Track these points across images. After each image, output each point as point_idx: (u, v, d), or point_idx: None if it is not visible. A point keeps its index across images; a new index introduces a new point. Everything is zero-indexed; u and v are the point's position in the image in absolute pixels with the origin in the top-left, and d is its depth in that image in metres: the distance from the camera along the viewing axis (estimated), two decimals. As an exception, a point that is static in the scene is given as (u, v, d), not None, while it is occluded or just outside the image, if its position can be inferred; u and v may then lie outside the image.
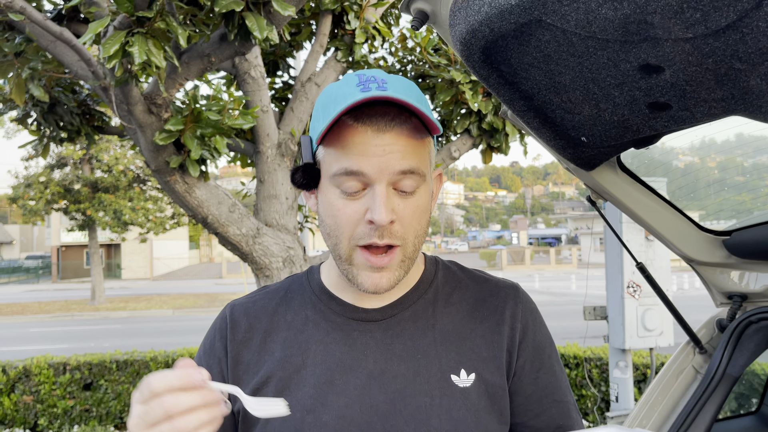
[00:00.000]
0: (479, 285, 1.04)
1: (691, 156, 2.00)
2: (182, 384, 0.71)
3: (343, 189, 0.89)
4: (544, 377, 0.99)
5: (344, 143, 0.88)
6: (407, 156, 0.88)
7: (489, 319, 0.99)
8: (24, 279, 38.40)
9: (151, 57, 2.44)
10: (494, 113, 4.28)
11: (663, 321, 3.45)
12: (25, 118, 3.80)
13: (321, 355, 0.96)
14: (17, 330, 15.95)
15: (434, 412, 0.91)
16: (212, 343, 1.01)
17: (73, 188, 18.81)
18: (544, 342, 1.02)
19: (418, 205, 0.91)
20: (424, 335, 0.97)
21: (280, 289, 1.06)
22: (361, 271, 0.91)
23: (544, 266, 41.25)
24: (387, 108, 0.88)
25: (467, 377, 0.94)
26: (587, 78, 0.97)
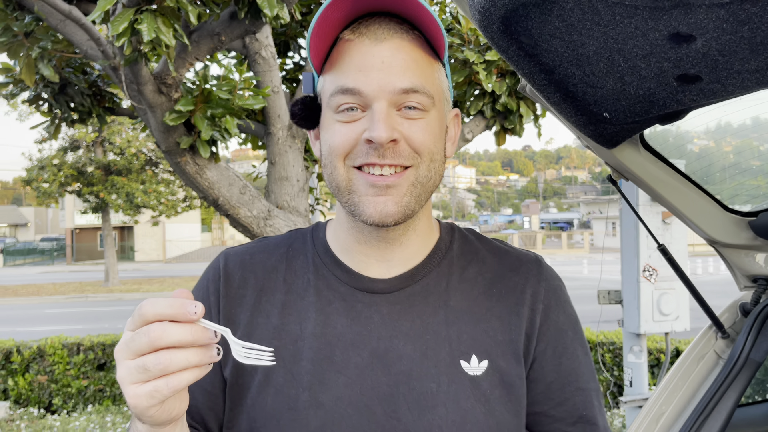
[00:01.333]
0: (498, 258, 0.95)
1: (706, 140, 1.94)
2: (174, 313, 0.64)
3: (340, 112, 0.81)
4: (567, 363, 0.91)
5: (340, 60, 0.81)
6: (409, 71, 0.80)
7: (507, 298, 0.90)
8: (39, 261, 38.88)
9: (160, 35, 2.40)
10: (508, 94, 4.21)
11: (679, 305, 3.40)
12: (37, 99, 3.78)
13: (321, 326, 0.86)
14: (33, 311, 16.17)
15: (440, 400, 0.83)
16: (204, 294, 0.91)
17: (86, 171, 18.92)
18: (568, 324, 0.93)
19: (427, 126, 0.82)
20: (435, 313, 0.88)
21: (281, 244, 0.96)
22: (364, 197, 0.81)
23: (555, 251, 41.11)
24: (388, 19, 0.81)
25: (479, 364, 0.86)
26: (612, 49, 0.92)
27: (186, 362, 0.64)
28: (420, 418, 0.82)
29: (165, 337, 0.63)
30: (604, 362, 5.53)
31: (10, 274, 29.81)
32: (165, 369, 0.63)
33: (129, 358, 0.65)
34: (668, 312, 3.36)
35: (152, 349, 0.63)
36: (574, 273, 24.26)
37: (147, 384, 0.64)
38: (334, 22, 0.80)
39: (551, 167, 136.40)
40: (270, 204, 3.59)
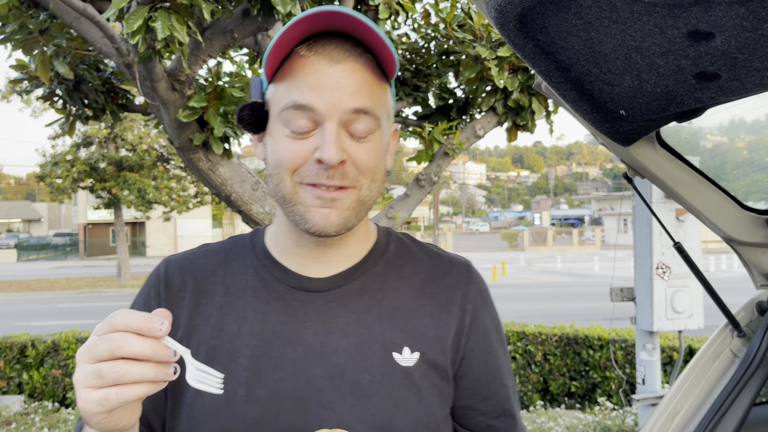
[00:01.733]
0: (432, 261, 1.00)
1: (719, 136, 1.93)
2: (140, 327, 0.65)
3: (291, 128, 0.83)
4: (492, 361, 0.97)
5: (294, 75, 0.83)
6: (361, 93, 0.83)
7: (439, 298, 0.95)
8: (52, 256, 39.24)
9: (174, 32, 2.41)
10: (520, 90, 4.19)
11: (693, 303, 3.38)
12: (51, 96, 3.81)
13: (258, 324, 0.90)
14: (46, 305, 16.33)
15: (374, 390, 0.87)
16: (146, 300, 0.95)
17: (98, 167, 19.06)
18: (493, 325, 0.99)
19: (372, 148, 0.86)
20: (370, 310, 0.92)
21: (222, 249, 0.99)
22: (309, 208, 0.85)
23: (566, 247, 40.93)
24: (343, 40, 0.83)
25: (411, 355, 0.90)
26: (630, 47, 0.92)
27: (140, 375, 0.65)
28: (354, 407, 0.86)
29: (125, 347, 0.64)
30: (616, 360, 5.51)
31: (23, 269, 30.12)
32: (118, 378, 0.64)
33: (88, 362, 0.66)
34: (682, 310, 3.34)
35: (111, 357, 0.65)
36: (584, 270, 24.16)
37: (98, 390, 0.65)
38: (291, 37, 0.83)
39: (562, 163, 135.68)
40: (282, 200, 3.60)
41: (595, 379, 5.64)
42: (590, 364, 5.68)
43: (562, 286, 18.67)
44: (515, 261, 29.21)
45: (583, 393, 5.75)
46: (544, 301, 14.80)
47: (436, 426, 0.91)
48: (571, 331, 5.90)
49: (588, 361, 5.70)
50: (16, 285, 21.27)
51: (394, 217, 3.97)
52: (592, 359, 5.66)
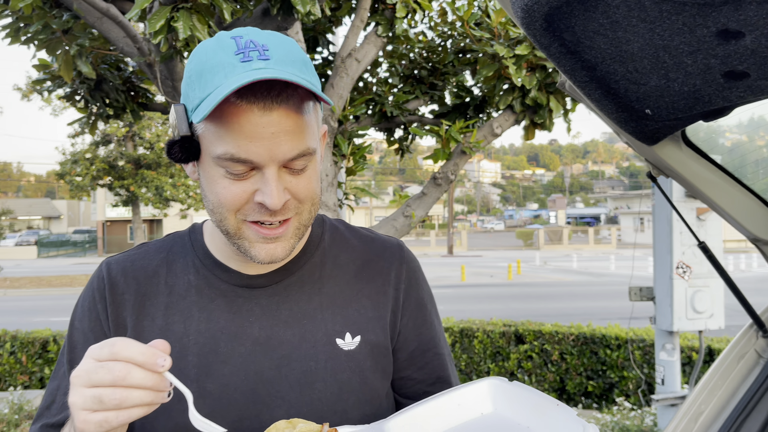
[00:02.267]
0: (366, 245, 1.05)
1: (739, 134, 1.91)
2: (144, 362, 0.68)
3: (227, 170, 0.82)
4: (426, 332, 1.03)
5: (227, 123, 0.80)
6: (296, 138, 0.82)
7: (375, 280, 1.01)
8: (72, 252, 39.75)
9: (195, 32, 2.44)
10: (538, 88, 4.17)
11: (714, 303, 3.35)
12: (73, 95, 3.87)
13: (204, 323, 0.93)
14: (66, 301, 16.55)
15: (319, 376, 0.92)
16: (92, 303, 0.96)
17: (117, 165, 19.28)
18: (425, 298, 1.05)
19: (310, 177, 0.87)
20: (311, 300, 0.96)
21: (161, 249, 1.00)
22: (254, 243, 0.87)
23: (582, 246, 40.64)
24: (272, 82, 0.80)
25: (352, 340, 0.95)
26: (658, 45, 0.92)
27: (139, 401, 0.68)
28: (302, 394, 0.91)
29: (128, 379, 0.67)
30: (634, 359, 5.47)
31: (44, 265, 30.55)
32: (119, 405, 0.67)
33: (85, 386, 0.68)
34: (702, 310, 3.31)
35: (112, 385, 0.67)
36: (600, 269, 23.98)
37: (99, 413, 0.68)
38: None
39: (578, 161, 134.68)
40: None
41: (613, 379, 5.60)
42: (607, 363, 5.64)
43: (578, 285, 18.55)
44: (530, 260, 29.06)
45: (600, 393, 5.71)
46: (560, 300, 14.71)
47: (379, 402, 0.97)
48: (588, 330, 5.87)
49: (605, 361, 5.66)
50: (36, 281, 21.58)
51: (411, 215, 3.98)
52: (610, 359, 5.62)
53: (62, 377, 0.95)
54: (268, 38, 0.84)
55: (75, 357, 0.94)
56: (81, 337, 0.95)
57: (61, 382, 0.94)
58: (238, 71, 0.79)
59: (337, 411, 0.92)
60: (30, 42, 3.24)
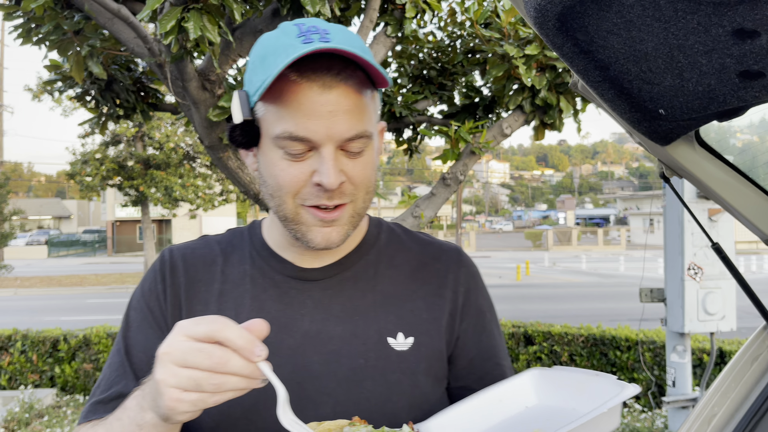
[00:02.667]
0: (422, 247, 1.03)
1: (749, 134, 1.89)
2: (241, 346, 0.67)
3: (286, 151, 0.84)
4: (486, 340, 1.00)
5: (287, 101, 0.82)
6: (354, 118, 0.83)
7: (431, 282, 0.99)
8: (81, 252, 40.03)
9: (205, 33, 2.45)
10: (548, 89, 4.15)
11: (725, 305, 3.32)
12: (84, 95, 3.89)
13: (255, 312, 0.93)
14: (76, 301, 16.67)
15: (368, 374, 0.90)
16: (153, 284, 0.98)
17: (126, 165, 19.38)
18: (486, 306, 1.02)
19: (366, 162, 0.88)
20: (364, 296, 0.95)
21: (221, 241, 1.02)
22: (311, 228, 0.88)
23: (591, 247, 40.48)
24: (332, 61, 0.82)
25: (405, 340, 0.93)
26: (672, 45, 0.91)
27: (235, 387, 0.68)
28: (349, 391, 0.90)
29: (227, 366, 0.67)
30: (644, 361, 5.44)
31: (54, 265, 30.78)
32: (217, 389, 0.67)
33: (179, 366, 0.68)
34: (714, 311, 3.29)
35: (209, 371, 0.67)
36: (610, 270, 23.87)
37: (194, 394, 0.68)
38: None
39: (587, 162, 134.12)
40: (309, 199, 3.64)
41: (623, 381, 5.58)
42: (617, 365, 5.62)
43: (587, 286, 18.47)
44: (539, 260, 28.98)
45: (610, 394, 5.69)
46: (569, 301, 14.66)
47: (429, 407, 0.93)
48: (597, 331, 5.84)
49: (615, 362, 5.63)
50: (47, 280, 21.74)
51: (420, 215, 3.97)
52: (620, 360, 5.59)
53: (114, 354, 0.96)
54: (331, 26, 0.85)
55: (130, 336, 0.95)
56: (138, 316, 0.97)
57: (113, 359, 0.96)
58: (299, 51, 0.79)
59: (386, 413, 0.89)
60: (41, 42, 3.26)
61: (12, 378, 6.33)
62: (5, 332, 6.46)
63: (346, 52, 0.79)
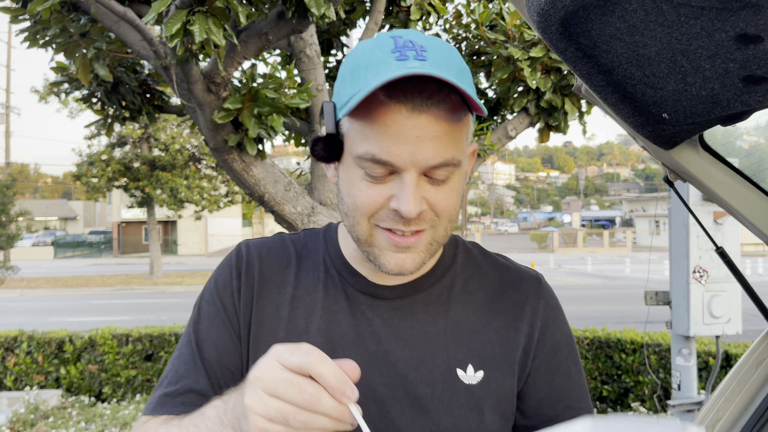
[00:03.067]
0: (500, 274, 0.98)
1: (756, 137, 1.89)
2: (334, 386, 0.64)
3: (367, 171, 0.80)
4: (559, 381, 0.93)
5: (373, 122, 0.77)
6: (442, 145, 0.78)
7: (506, 314, 0.93)
8: (87, 253, 40.17)
9: (211, 35, 2.46)
10: (553, 91, 4.15)
11: (731, 308, 3.31)
12: (90, 97, 3.91)
13: (325, 322, 0.90)
14: (82, 302, 16.73)
15: (434, 406, 0.86)
16: (228, 279, 0.95)
17: (132, 166, 19.46)
18: (563, 342, 0.95)
19: (451, 190, 0.82)
20: (435, 322, 0.91)
21: (296, 242, 0.99)
22: (384, 251, 0.83)
23: (597, 249, 40.36)
24: (425, 82, 0.76)
25: (474, 374, 0.88)
26: (675, 50, 0.91)
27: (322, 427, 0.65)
28: (413, 421, 0.85)
29: (317, 405, 0.64)
30: (649, 364, 5.42)
31: (60, 266, 30.91)
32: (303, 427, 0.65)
33: (269, 395, 0.65)
34: (719, 314, 3.27)
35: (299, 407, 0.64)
36: (615, 272, 23.79)
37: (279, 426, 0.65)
38: None
39: (593, 164, 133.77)
40: (313, 201, 3.64)
41: (628, 384, 5.56)
42: (623, 368, 5.60)
43: (593, 288, 18.42)
44: (545, 262, 28.92)
45: (615, 397, 5.67)
46: (574, 303, 14.62)
47: None
48: (603, 334, 5.82)
49: (620, 365, 5.61)
50: (53, 281, 21.84)
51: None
52: (625, 363, 5.58)
53: (185, 346, 0.93)
54: (428, 40, 0.81)
55: (201, 329, 0.93)
56: (211, 310, 0.94)
57: (182, 350, 0.93)
58: (391, 68, 0.75)
59: None
60: (48, 45, 3.28)
61: (18, 379, 6.36)
62: (11, 333, 6.49)
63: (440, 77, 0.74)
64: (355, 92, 0.77)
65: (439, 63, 0.78)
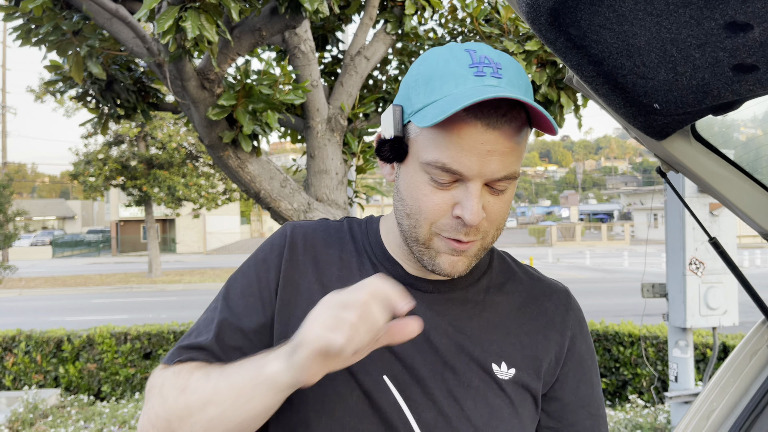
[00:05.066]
0: (532, 282, 1.03)
1: (754, 128, 1.89)
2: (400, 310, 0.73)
3: (433, 177, 0.84)
4: (584, 389, 0.99)
5: (447, 133, 0.81)
6: (508, 160, 0.83)
7: (538, 320, 0.98)
8: (86, 252, 40.13)
9: (203, 32, 2.45)
10: (548, 84, 4.14)
11: (727, 299, 3.31)
12: (84, 96, 3.90)
13: None
14: (81, 301, 16.72)
15: (470, 394, 0.90)
16: (267, 255, 0.98)
17: (129, 165, 19.42)
18: (588, 353, 1.01)
19: (506, 201, 0.88)
20: (470, 319, 0.95)
21: (340, 229, 1.03)
22: (441, 254, 0.88)
23: (595, 242, 40.40)
24: (500, 100, 0.80)
25: (507, 371, 0.93)
26: (665, 39, 0.90)
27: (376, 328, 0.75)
28: (451, 406, 0.89)
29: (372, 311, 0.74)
30: (647, 356, 5.43)
31: (58, 265, 30.87)
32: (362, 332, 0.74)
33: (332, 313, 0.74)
34: (716, 306, 3.28)
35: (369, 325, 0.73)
36: (614, 265, 23.82)
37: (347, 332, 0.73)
38: None
39: (590, 157, 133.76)
40: (310, 197, 3.63)
41: (626, 376, 5.57)
42: (621, 360, 5.61)
43: (591, 281, 18.45)
44: (543, 257, 28.94)
45: (614, 390, 5.68)
46: (573, 297, 14.63)
47: None
48: (600, 327, 5.83)
49: (618, 358, 5.62)
50: (51, 281, 21.82)
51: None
52: (623, 356, 5.59)
53: (211, 311, 0.96)
54: (501, 57, 0.85)
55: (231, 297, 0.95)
56: (245, 281, 0.96)
57: (208, 314, 0.96)
58: (470, 84, 0.80)
59: None
60: (41, 43, 3.27)
61: (16, 378, 6.36)
62: (9, 333, 6.48)
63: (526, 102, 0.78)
64: (430, 101, 0.82)
65: (513, 82, 0.83)
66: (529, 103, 0.78)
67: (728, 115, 1.58)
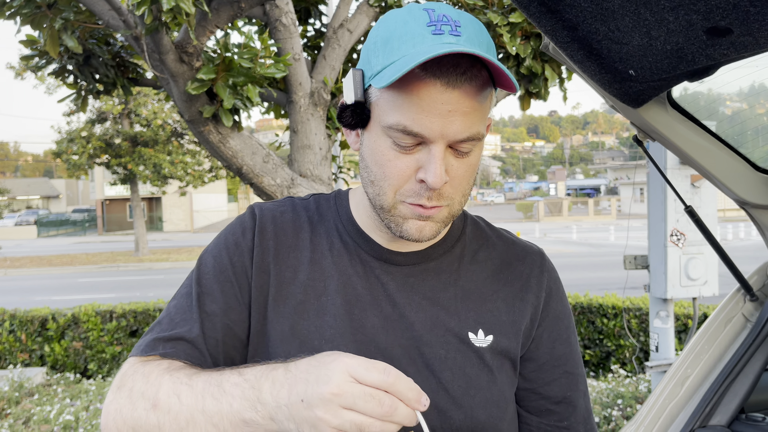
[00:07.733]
0: (506, 246, 1.02)
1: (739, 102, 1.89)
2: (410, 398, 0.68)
3: (395, 141, 0.82)
4: (559, 347, 0.99)
5: (406, 94, 0.79)
6: (470, 120, 0.81)
7: (513, 284, 0.98)
8: (71, 231, 39.81)
9: (179, 3, 2.40)
10: (533, 57, 4.11)
11: (708, 270, 3.35)
12: (62, 71, 3.81)
13: (342, 286, 0.92)
14: (67, 280, 16.63)
15: (447, 366, 0.90)
16: (239, 240, 0.95)
17: (113, 143, 19.17)
18: (564, 313, 1.01)
19: (471, 164, 0.86)
20: (446, 289, 0.95)
21: (307, 207, 1.01)
22: (408, 219, 0.87)
23: (582, 217, 40.68)
24: (459, 58, 0.78)
25: (485, 338, 0.93)
26: (638, 2, 0.89)
27: None
28: (427, 380, 0.89)
29: (394, 416, 0.67)
30: (630, 328, 5.50)
31: (44, 245, 30.62)
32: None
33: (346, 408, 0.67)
34: (696, 277, 3.31)
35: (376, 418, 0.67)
36: (600, 240, 24.03)
37: None
38: None
39: (578, 133, 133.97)
40: (293, 172, 3.60)
41: (610, 348, 5.65)
42: (604, 332, 5.68)
43: (578, 256, 18.61)
44: (530, 232, 29.12)
45: (597, 361, 5.77)
46: (560, 271, 14.67)
47: (506, 406, 0.93)
48: (585, 300, 5.89)
49: (602, 330, 5.70)
50: (37, 260, 21.66)
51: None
52: (606, 328, 5.66)
53: (184, 297, 0.93)
54: (460, 15, 0.83)
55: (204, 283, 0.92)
56: (217, 266, 0.93)
57: (180, 301, 0.93)
58: (427, 42, 0.78)
59: (464, 406, 0.89)
60: (14, 16, 3.18)
61: (1, 357, 6.33)
62: (-7, 312, 6.44)
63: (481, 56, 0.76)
64: (389, 62, 0.80)
65: (472, 39, 0.81)
66: (487, 58, 0.75)
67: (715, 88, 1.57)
